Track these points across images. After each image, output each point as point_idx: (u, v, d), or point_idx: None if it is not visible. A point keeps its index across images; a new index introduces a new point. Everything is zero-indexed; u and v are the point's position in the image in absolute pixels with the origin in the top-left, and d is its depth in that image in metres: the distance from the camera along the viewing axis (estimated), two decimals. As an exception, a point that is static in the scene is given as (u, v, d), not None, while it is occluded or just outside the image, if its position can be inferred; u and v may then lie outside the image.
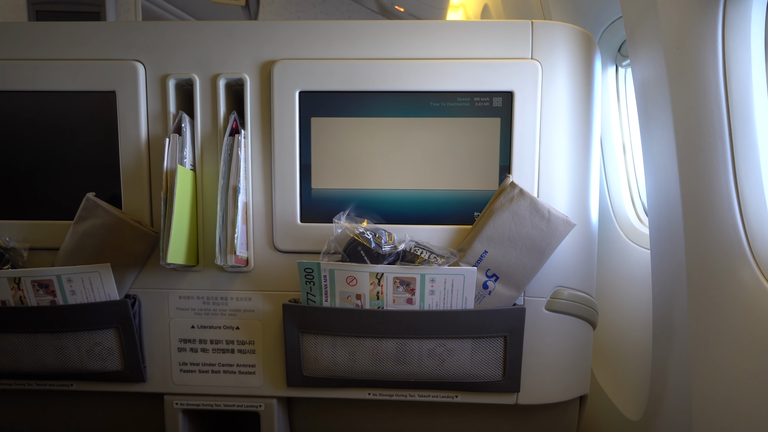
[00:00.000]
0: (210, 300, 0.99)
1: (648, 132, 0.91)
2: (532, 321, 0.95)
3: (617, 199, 1.24)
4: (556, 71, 0.92)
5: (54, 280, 0.92)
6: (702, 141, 0.77)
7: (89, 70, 0.94)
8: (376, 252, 0.88)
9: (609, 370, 1.21)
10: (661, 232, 0.91)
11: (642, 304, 1.06)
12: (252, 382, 1.01)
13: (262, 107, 0.95)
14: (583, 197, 0.96)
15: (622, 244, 1.19)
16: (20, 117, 0.96)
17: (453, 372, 0.94)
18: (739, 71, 0.73)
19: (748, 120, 0.73)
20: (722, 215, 0.75)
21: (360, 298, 0.91)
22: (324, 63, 0.93)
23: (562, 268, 0.95)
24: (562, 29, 0.92)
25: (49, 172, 0.97)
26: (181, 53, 0.95)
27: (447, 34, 0.93)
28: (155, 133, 0.95)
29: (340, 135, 0.94)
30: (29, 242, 0.96)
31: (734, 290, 0.74)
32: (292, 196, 0.95)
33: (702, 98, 0.76)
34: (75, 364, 0.97)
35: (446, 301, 0.90)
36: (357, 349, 0.94)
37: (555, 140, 0.93)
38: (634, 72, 0.94)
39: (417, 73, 0.92)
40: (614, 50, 1.20)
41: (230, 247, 0.90)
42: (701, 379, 0.80)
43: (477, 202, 0.94)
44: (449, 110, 0.93)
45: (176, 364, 1.01)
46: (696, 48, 0.75)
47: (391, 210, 0.95)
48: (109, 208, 0.93)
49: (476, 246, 0.90)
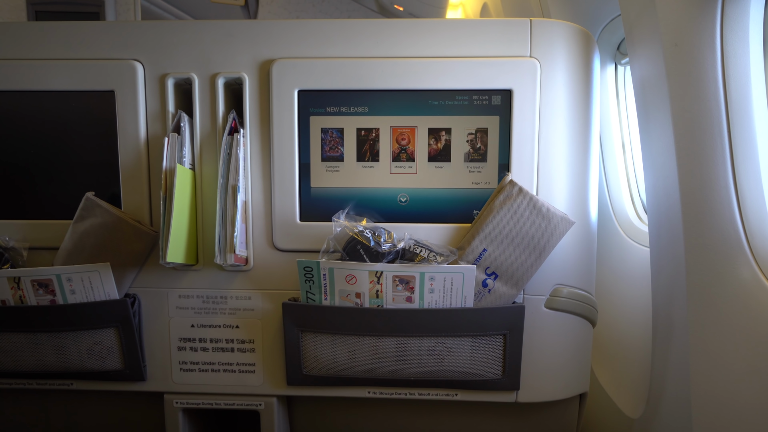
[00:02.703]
0: (210, 299, 0.99)
1: (647, 130, 0.91)
2: (532, 319, 0.95)
3: (617, 197, 1.24)
4: (554, 69, 0.92)
5: (54, 279, 0.92)
6: (701, 139, 0.77)
7: (88, 70, 0.94)
8: (375, 250, 0.89)
9: (609, 368, 1.21)
10: (661, 230, 0.91)
11: (642, 302, 1.06)
12: (252, 381, 1.01)
13: (261, 106, 0.95)
14: (582, 195, 0.96)
15: (622, 242, 1.19)
16: (19, 117, 0.96)
17: (453, 370, 0.94)
18: (737, 69, 0.73)
19: (747, 117, 0.73)
20: (721, 213, 0.75)
21: (359, 297, 0.91)
22: (323, 62, 0.93)
23: (562, 266, 0.95)
24: (561, 27, 0.92)
25: (49, 172, 0.97)
26: (180, 53, 0.95)
27: (445, 32, 0.93)
28: (154, 133, 0.95)
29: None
30: (29, 242, 0.97)
31: (733, 287, 0.74)
32: (292, 195, 0.95)
33: (701, 96, 0.76)
34: (75, 364, 0.97)
35: (445, 300, 0.90)
36: (357, 348, 0.94)
37: (554, 138, 0.93)
38: (632, 70, 0.94)
39: (416, 72, 0.92)
40: (613, 48, 1.19)
41: (230, 246, 0.91)
42: (701, 376, 0.80)
43: (476, 201, 0.94)
44: (448, 108, 0.93)
45: (176, 363, 1.01)
46: (694, 46, 0.75)
47: (390, 208, 0.95)
48: (108, 207, 0.93)
49: (475, 244, 0.90)
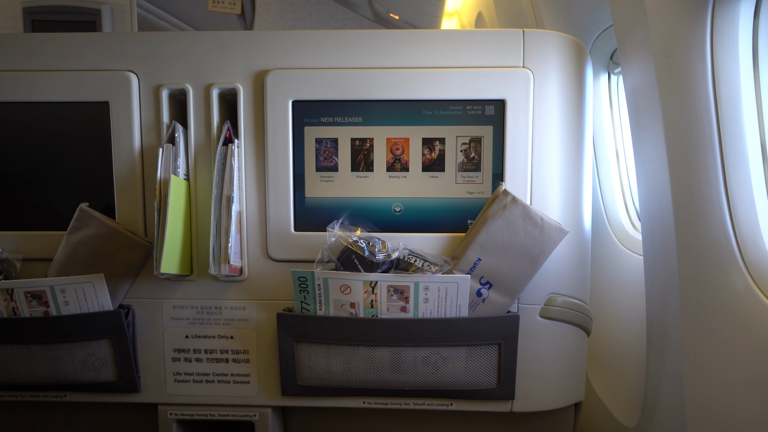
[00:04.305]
0: (204, 309, 0.98)
1: (639, 139, 0.92)
2: (526, 328, 0.95)
3: (611, 205, 1.24)
4: (547, 79, 0.92)
5: (47, 290, 0.92)
6: (692, 148, 0.77)
7: (82, 81, 0.94)
8: (369, 260, 0.89)
9: (604, 377, 1.21)
10: (654, 239, 0.91)
11: (636, 310, 1.06)
12: (246, 392, 1.00)
13: (256, 117, 0.95)
14: (576, 204, 0.96)
15: (617, 251, 1.20)
16: (14, 128, 0.96)
17: (447, 380, 0.94)
18: (727, 78, 0.74)
19: (737, 126, 0.74)
20: (713, 221, 0.75)
21: (354, 307, 0.91)
22: (317, 72, 0.93)
23: (556, 275, 0.96)
24: (553, 38, 0.93)
25: (43, 183, 0.97)
26: (174, 63, 0.95)
27: (439, 42, 0.93)
28: (149, 143, 0.96)
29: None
30: (22, 253, 0.96)
31: (726, 296, 0.74)
32: (286, 205, 0.95)
33: (692, 105, 0.76)
34: (69, 375, 0.97)
35: (440, 309, 0.90)
36: (351, 358, 0.94)
37: (547, 148, 0.93)
38: (625, 80, 0.94)
39: (409, 82, 0.93)
40: (606, 58, 1.20)
41: (224, 257, 0.90)
42: (695, 385, 0.81)
43: (470, 210, 0.95)
44: (442, 118, 0.94)
45: (170, 374, 1.00)
46: (685, 56, 0.76)
47: (385, 218, 0.96)
48: (102, 218, 0.93)
49: (470, 254, 0.90)
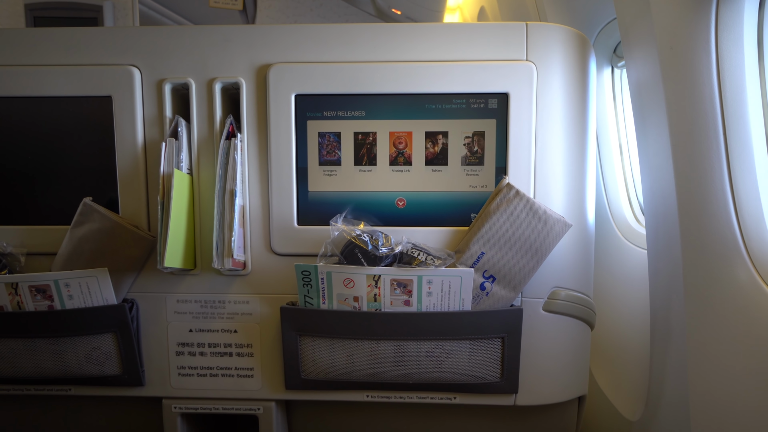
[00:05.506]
0: (208, 303, 0.99)
1: (643, 132, 0.92)
2: (530, 322, 0.95)
3: (614, 199, 1.24)
4: (550, 72, 0.92)
5: (51, 285, 0.92)
6: (697, 141, 0.77)
7: (85, 76, 0.94)
8: (373, 254, 0.89)
9: (607, 371, 1.21)
10: (658, 232, 0.91)
11: (640, 304, 1.06)
12: (250, 386, 1.01)
13: (258, 111, 0.95)
14: (580, 198, 0.96)
15: (620, 245, 1.20)
16: (17, 122, 0.96)
17: (451, 373, 0.94)
18: (732, 71, 0.74)
19: (742, 119, 0.73)
20: (717, 214, 0.75)
21: (357, 301, 0.91)
22: (319, 66, 0.93)
23: (559, 268, 0.95)
24: (557, 31, 0.93)
25: (46, 177, 0.97)
26: (177, 58, 0.95)
27: (442, 36, 0.93)
28: (152, 138, 0.96)
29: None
30: (26, 247, 0.96)
31: (730, 289, 0.74)
32: (289, 199, 0.95)
33: (696, 98, 0.76)
34: (73, 369, 0.97)
35: (443, 303, 0.90)
36: (355, 352, 0.94)
37: (550, 141, 0.93)
38: (629, 73, 0.94)
39: (412, 76, 0.92)
40: (610, 51, 1.20)
41: (227, 251, 0.91)
42: (699, 378, 0.80)
43: (473, 204, 0.95)
44: (445, 112, 0.93)
45: (174, 367, 1.01)
46: (689, 48, 0.76)
47: (388, 212, 0.96)
48: (106, 212, 0.93)
49: (473, 247, 0.90)
